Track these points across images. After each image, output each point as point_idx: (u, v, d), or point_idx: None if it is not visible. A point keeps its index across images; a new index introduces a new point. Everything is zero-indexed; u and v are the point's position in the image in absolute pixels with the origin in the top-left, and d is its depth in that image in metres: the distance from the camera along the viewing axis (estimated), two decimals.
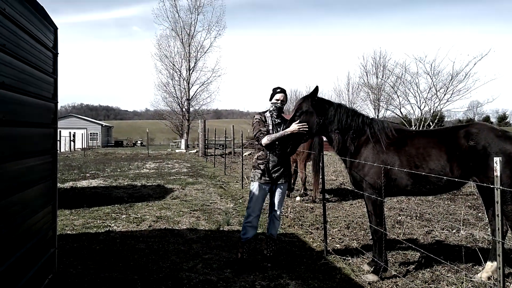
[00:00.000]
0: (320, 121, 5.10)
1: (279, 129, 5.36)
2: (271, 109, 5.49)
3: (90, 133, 58.61)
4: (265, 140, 5.18)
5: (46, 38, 4.24)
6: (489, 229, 5.04)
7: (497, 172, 2.75)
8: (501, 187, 2.78)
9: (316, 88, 5.14)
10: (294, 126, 5.07)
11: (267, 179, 5.28)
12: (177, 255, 5.69)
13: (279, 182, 5.38)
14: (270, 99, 5.51)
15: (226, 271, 5.08)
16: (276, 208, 5.49)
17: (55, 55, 4.61)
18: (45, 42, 4.18)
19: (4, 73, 3.09)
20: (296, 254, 5.80)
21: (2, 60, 3.08)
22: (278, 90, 5.48)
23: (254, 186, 5.30)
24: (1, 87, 3.04)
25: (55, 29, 4.59)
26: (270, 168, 5.28)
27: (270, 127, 5.35)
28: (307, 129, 5.05)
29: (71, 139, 44.20)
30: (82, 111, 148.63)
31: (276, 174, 5.32)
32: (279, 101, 5.42)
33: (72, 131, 47.46)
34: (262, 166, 5.28)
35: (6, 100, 3.16)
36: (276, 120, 5.45)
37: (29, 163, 3.75)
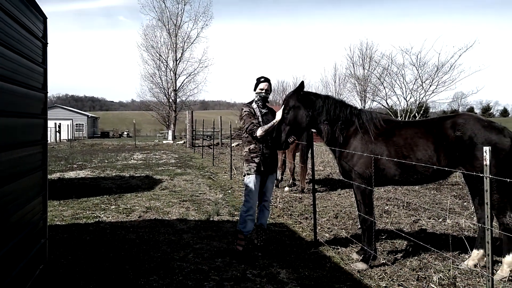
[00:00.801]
0: (309, 113, 5.14)
1: (266, 119, 5.40)
2: (256, 99, 5.49)
3: (76, 124, 57.95)
4: (259, 132, 5.18)
5: (35, 27, 4.19)
6: (475, 218, 5.15)
7: (487, 161, 2.81)
8: (490, 176, 2.85)
9: (302, 83, 5.19)
10: (279, 114, 5.17)
11: (263, 171, 5.33)
12: (168, 245, 5.71)
13: (270, 172, 5.44)
14: (255, 89, 5.51)
15: (217, 261, 5.12)
16: (266, 199, 5.54)
17: (45, 44, 4.56)
18: (35, 32, 4.13)
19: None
20: (286, 244, 5.87)
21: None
22: (262, 79, 5.48)
23: (251, 179, 5.30)
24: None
25: (44, 18, 4.54)
26: (264, 160, 5.32)
27: (260, 119, 5.37)
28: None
29: (57, 130, 43.72)
30: (67, 101, 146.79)
31: (270, 166, 5.39)
32: (264, 91, 5.44)
33: (58, 122, 46.92)
34: (256, 160, 5.30)
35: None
36: (263, 110, 5.47)
37: (20, 153, 3.73)
